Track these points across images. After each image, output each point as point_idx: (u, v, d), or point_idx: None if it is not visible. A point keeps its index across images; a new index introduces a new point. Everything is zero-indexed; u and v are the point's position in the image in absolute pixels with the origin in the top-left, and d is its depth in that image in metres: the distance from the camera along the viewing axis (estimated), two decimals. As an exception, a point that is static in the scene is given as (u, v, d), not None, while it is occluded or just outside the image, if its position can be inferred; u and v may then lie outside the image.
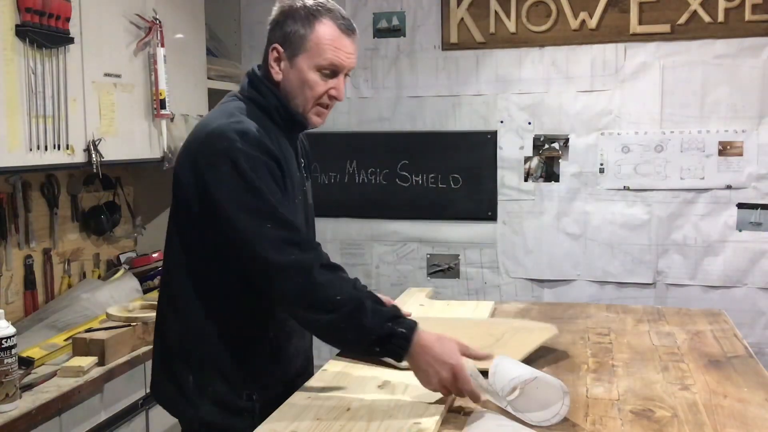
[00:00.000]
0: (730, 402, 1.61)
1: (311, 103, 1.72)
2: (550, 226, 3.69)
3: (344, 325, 1.55)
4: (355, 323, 1.54)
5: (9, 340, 2.00)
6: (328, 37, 1.67)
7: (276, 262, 1.56)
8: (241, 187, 1.58)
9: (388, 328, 1.55)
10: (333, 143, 3.87)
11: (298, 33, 1.67)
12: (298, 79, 1.69)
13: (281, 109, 1.72)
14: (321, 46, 1.67)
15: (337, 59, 1.69)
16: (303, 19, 1.67)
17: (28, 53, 2.32)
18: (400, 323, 1.57)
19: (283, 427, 1.47)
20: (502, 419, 1.46)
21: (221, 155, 1.59)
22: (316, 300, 1.55)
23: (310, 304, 1.56)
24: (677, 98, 3.48)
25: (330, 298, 1.55)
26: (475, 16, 3.67)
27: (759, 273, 3.45)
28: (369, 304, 1.56)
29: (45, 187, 2.82)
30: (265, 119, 1.70)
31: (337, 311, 1.54)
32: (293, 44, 1.68)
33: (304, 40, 1.67)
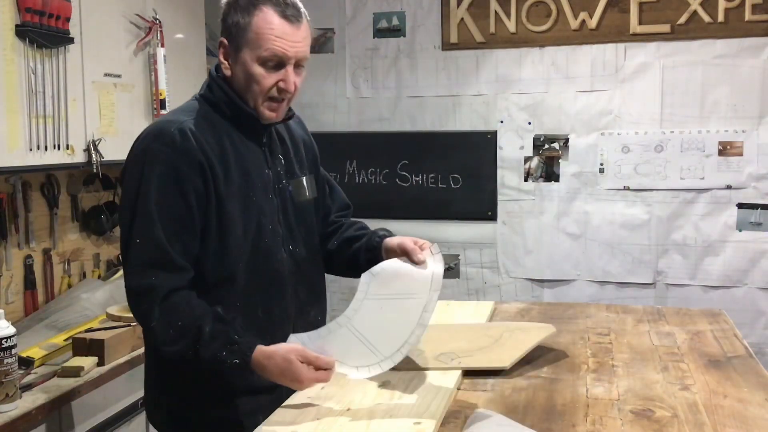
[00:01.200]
0: (730, 402, 1.61)
1: (260, 98, 1.64)
2: (550, 226, 3.69)
3: (183, 351, 1.53)
4: (190, 351, 1.53)
5: (9, 340, 2.00)
6: (269, 26, 1.58)
7: (132, 287, 1.56)
8: (135, 193, 1.57)
9: (221, 358, 1.52)
10: (333, 143, 3.87)
11: (239, 25, 1.60)
12: (244, 73, 1.62)
13: (229, 103, 1.67)
14: (261, 36, 1.58)
15: (280, 49, 1.59)
16: (243, 8, 1.60)
17: (28, 53, 2.32)
18: (234, 352, 1.51)
19: (283, 427, 1.47)
20: (502, 419, 1.46)
21: (135, 157, 1.61)
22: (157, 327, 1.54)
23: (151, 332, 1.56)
24: (677, 98, 3.48)
25: (172, 324, 1.53)
26: (475, 16, 3.67)
27: (759, 273, 3.45)
28: (207, 330, 1.52)
29: (45, 187, 2.82)
30: (216, 116, 1.67)
31: (177, 341, 1.53)
32: (235, 37, 1.61)
33: (245, 31, 1.59)
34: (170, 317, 1.54)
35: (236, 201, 1.63)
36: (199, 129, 1.61)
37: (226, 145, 1.64)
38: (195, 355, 1.53)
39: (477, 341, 1.94)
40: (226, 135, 1.66)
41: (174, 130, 1.58)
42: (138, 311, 1.57)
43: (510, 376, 1.78)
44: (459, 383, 1.72)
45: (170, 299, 1.54)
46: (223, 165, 1.62)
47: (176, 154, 1.57)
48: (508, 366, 1.78)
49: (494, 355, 1.85)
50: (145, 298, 1.54)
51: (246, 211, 1.65)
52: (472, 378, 1.76)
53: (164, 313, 1.54)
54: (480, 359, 1.82)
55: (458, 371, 1.76)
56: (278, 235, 1.73)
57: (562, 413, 1.56)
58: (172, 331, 1.53)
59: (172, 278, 1.55)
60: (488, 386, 1.72)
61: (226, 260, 1.63)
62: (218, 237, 1.62)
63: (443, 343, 1.94)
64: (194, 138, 1.59)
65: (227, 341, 1.52)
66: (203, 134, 1.61)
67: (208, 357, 1.52)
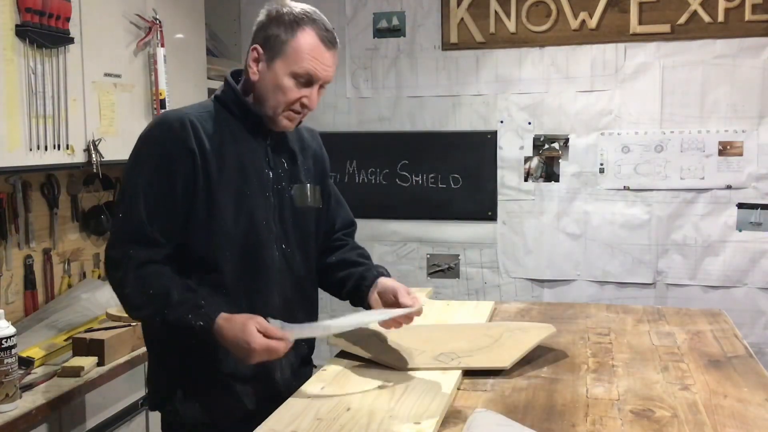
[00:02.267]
0: (730, 402, 1.61)
1: (281, 108, 1.73)
2: (550, 226, 3.69)
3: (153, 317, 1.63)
4: (159, 316, 1.62)
5: (9, 340, 2.00)
6: (308, 46, 1.69)
7: (110, 255, 1.67)
8: (128, 173, 1.70)
9: (187, 320, 1.60)
10: (333, 143, 3.82)
11: (279, 38, 1.69)
12: (273, 82, 1.71)
13: (237, 102, 1.76)
14: (300, 53, 1.69)
15: (314, 69, 1.70)
16: (286, 25, 1.69)
17: (28, 53, 2.32)
18: (200, 315, 1.60)
19: (283, 427, 1.47)
20: (502, 419, 1.46)
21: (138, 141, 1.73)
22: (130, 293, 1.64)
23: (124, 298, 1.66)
24: (677, 98, 3.48)
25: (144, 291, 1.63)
26: (475, 16, 3.67)
27: (759, 273, 3.45)
28: (176, 296, 1.61)
29: (45, 187, 2.82)
30: (224, 113, 1.75)
31: (145, 306, 1.63)
32: (273, 48, 1.70)
33: (284, 45, 1.69)
34: (143, 284, 1.63)
35: (229, 192, 1.71)
36: (200, 121, 1.70)
37: (225, 139, 1.72)
38: (162, 319, 1.62)
39: (477, 341, 1.94)
40: (228, 130, 1.74)
41: (174, 118, 1.69)
42: (114, 278, 1.67)
43: (510, 376, 1.78)
44: (459, 383, 1.72)
45: (144, 269, 1.64)
46: (218, 156, 1.70)
47: (170, 140, 1.67)
48: (508, 366, 1.78)
49: (494, 355, 1.85)
50: (121, 266, 1.64)
51: (238, 203, 1.72)
52: (472, 378, 1.76)
53: (137, 280, 1.63)
54: (480, 359, 1.82)
55: (458, 371, 1.76)
56: (272, 233, 1.77)
57: (562, 413, 1.56)
58: (144, 297, 1.63)
59: (148, 252, 1.65)
60: (488, 386, 1.72)
61: (214, 246, 1.70)
62: (207, 223, 1.69)
63: (443, 343, 1.94)
64: (192, 128, 1.68)
65: (194, 305, 1.61)
66: (203, 125, 1.70)
67: (174, 320, 1.60)
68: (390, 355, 1.85)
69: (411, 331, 2.04)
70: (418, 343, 1.93)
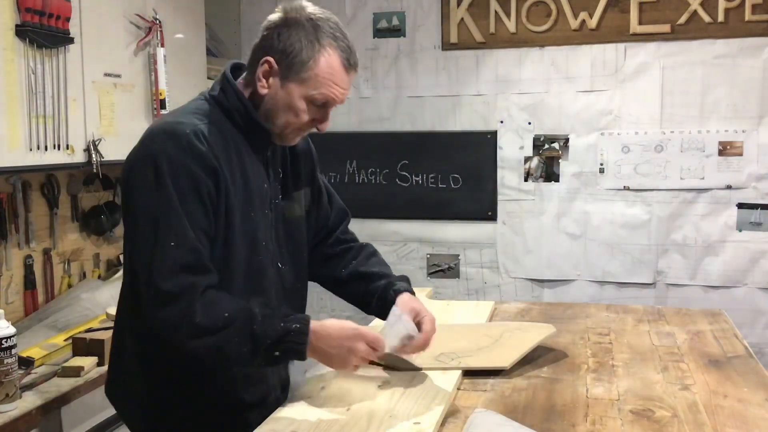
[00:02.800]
0: (730, 402, 1.61)
1: (291, 129, 1.62)
2: (550, 226, 3.69)
3: (237, 339, 1.47)
4: (247, 333, 1.47)
5: (9, 340, 2.00)
6: (329, 72, 1.56)
7: (165, 289, 1.47)
8: (155, 195, 1.49)
9: (281, 328, 1.49)
10: (333, 143, 3.86)
11: (299, 57, 1.55)
12: (286, 102, 1.58)
13: (244, 114, 1.61)
14: (320, 79, 1.55)
15: (332, 95, 1.58)
16: (307, 41, 1.54)
17: (28, 53, 2.32)
18: (292, 320, 1.51)
19: (283, 427, 1.47)
20: (502, 419, 1.46)
21: (147, 158, 1.52)
22: (204, 321, 1.47)
23: (196, 328, 1.47)
24: (677, 98, 3.48)
25: (219, 315, 1.48)
26: (475, 16, 3.67)
27: (759, 273, 3.45)
28: (258, 311, 1.50)
29: (45, 187, 2.82)
30: (227, 123, 1.60)
31: (227, 327, 1.47)
32: (291, 66, 1.55)
33: (304, 67, 1.55)
34: (215, 309, 1.48)
35: (239, 213, 1.58)
36: (210, 134, 1.55)
37: (231, 156, 1.58)
38: (245, 336, 1.47)
39: (477, 341, 1.94)
40: (233, 145, 1.59)
41: (189, 132, 1.52)
42: (174, 312, 1.47)
43: (510, 376, 1.78)
44: (459, 383, 1.72)
45: (207, 296, 1.49)
46: (230, 173, 1.56)
47: (192, 158, 1.50)
48: (508, 366, 1.79)
49: (494, 355, 1.85)
50: (184, 297, 1.47)
51: (244, 226, 1.60)
52: (472, 378, 1.76)
53: (207, 306, 1.48)
54: (480, 359, 1.82)
55: (458, 371, 1.76)
56: (269, 252, 1.68)
57: (562, 413, 1.56)
58: (221, 320, 1.47)
59: (206, 279, 1.50)
60: (488, 386, 1.72)
61: (227, 273, 1.58)
62: (222, 248, 1.57)
63: (443, 343, 1.93)
64: (207, 144, 1.53)
65: (281, 315, 1.52)
66: (213, 138, 1.55)
67: (268, 330, 1.48)
68: (390, 355, 1.85)
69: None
70: None
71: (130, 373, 1.67)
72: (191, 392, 1.63)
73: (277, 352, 1.50)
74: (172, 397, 1.64)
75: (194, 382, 1.62)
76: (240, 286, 1.60)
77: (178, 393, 1.63)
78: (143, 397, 1.66)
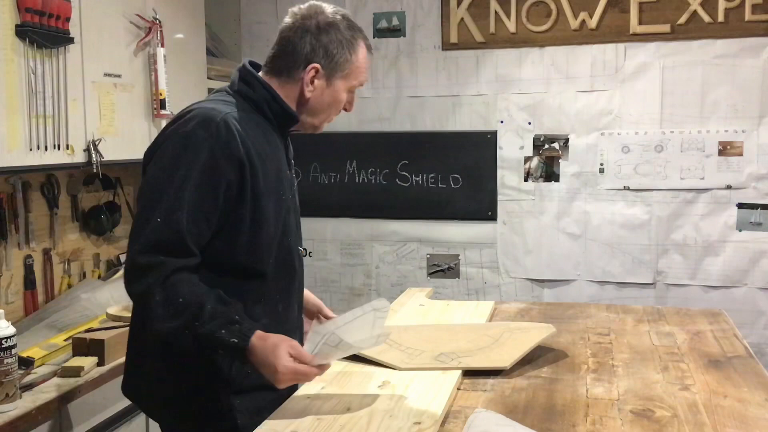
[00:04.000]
0: (730, 402, 1.61)
1: (329, 119, 1.78)
2: (550, 226, 3.69)
3: (186, 331, 1.51)
4: (191, 329, 1.51)
5: (9, 340, 2.00)
6: (364, 61, 1.74)
7: (138, 261, 1.53)
8: (165, 172, 1.56)
9: (220, 336, 1.50)
10: (333, 143, 3.87)
11: (343, 56, 1.70)
12: (332, 98, 1.73)
13: (272, 102, 1.70)
14: (359, 69, 1.73)
15: (365, 78, 1.77)
16: (347, 42, 1.70)
17: (28, 53, 2.32)
18: (235, 332, 1.51)
19: (283, 427, 1.47)
20: (502, 419, 1.46)
21: (175, 136, 1.59)
22: (160, 302, 1.51)
23: (153, 307, 1.52)
24: (677, 98, 3.48)
25: (174, 300, 1.51)
26: (475, 16, 3.67)
27: (759, 273, 3.45)
28: (209, 308, 1.51)
29: (45, 187, 2.82)
30: (255, 113, 1.69)
31: (178, 316, 1.51)
32: (336, 66, 1.70)
33: (347, 63, 1.70)
34: (172, 294, 1.52)
35: (271, 198, 1.66)
36: (241, 123, 1.61)
37: (262, 143, 1.66)
38: (192, 332, 1.51)
39: (477, 341, 1.94)
40: (262, 132, 1.68)
41: (220, 120, 1.58)
42: (139, 286, 1.54)
43: (510, 376, 1.78)
44: (459, 383, 1.73)
45: (174, 277, 1.53)
46: (262, 161, 1.63)
47: (218, 146, 1.56)
48: (508, 366, 1.79)
49: (494, 355, 1.85)
50: (151, 273, 1.52)
51: (277, 209, 1.68)
52: (472, 378, 1.77)
53: (167, 289, 1.52)
54: (480, 359, 1.82)
55: (458, 371, 1.76)
56: (295, 234, 1.78)
57: (562, 413, 1.56)
58: (172, 307, 1.51)
59: (181, 261, 1.55)
60: (488, 386, 1.72)
61: (258, 255, 1.65)
62: (251, 232, 1.63)
63: (443, 343, 1.94)
64: (237, 132, 1.59)
65: (228, 321, 1.52)
66: (245, 128, 1.61)
67: (206, 333, 1.50)
68: (389, 355, 1.85)
69: (411, 331, 2.04)
70: (419, 343, 1.93)
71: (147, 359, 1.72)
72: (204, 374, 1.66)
73: (221, 352, 1.55)
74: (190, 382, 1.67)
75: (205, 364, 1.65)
76: (272, 268, 1.68)
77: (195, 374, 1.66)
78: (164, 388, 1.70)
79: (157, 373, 1.70)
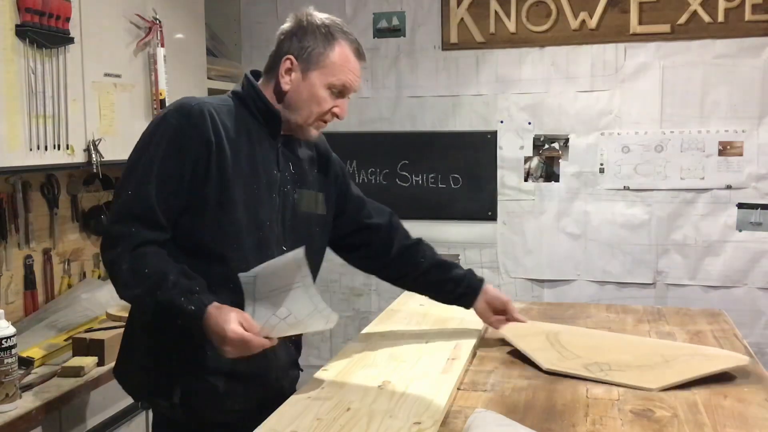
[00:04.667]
0: (730, 402, 1.61)
1: (314, 118, 1.78)
2: (550, 226, 3.69)
3: (147, 299, 1.59)
4: (152, 297, 1.58)
5: (9, 340, 2.00)
6: (345, 59, 1.75)
7: (110, 231, 1.64)
8: (140, 151, 1.68)
9: (179, 303, 1.56)
10: (333, 143, 3.85)
11: (316, 49, 1.73)
12: (309, 93, 1.75)
13: (257, 101, 1.76)
14: (337, 65, 1.74)
15: (349, 81, 1.77)
16: (323, 37, 1.74)
17: (28, 53, 2.32)
18: (195, 300, 1.57)
19: (283, 427, 1.47)
20: (502, 419, 1.47)
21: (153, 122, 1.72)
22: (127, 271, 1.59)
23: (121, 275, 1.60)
24: (677, 98, 3.48)
25: (140, 270, 1.59)
26: (475, 16, 3.67)
27: (759, 273, 3.45)
28: (172, 279, 1.58)
29: (45, 187, 2.82)
30: (242, 110, 1.76)
31: (141, 285, 1.58)
32: (310, 59, 1.73)
33: (322, 57, 1.73)
34: (139, 263, 1.60)
35: (241, 187, 1.70)
36: (218, 112, 1.70)
37: (241, 135, 1.73)
38: (152, 299, 1.58)
39: (645, 358, 1.83)
40: (244, 127, 1.74)
41: (194, 105, 1.68)
42: (110, 255, 1.63)
43: (510, 376, 1.78)
44: (459, 383, 1.73)
45: (143, 248, 1.62)
46: (234, 150, 1.70)
47: (187, 126, 1.66)
48: (654, 389, 1.68)
49: (650, 375, 1.73)
50: (121, 242, 1.61)
51: (247, 198, 1.72)
52: (472, 378, 1.77)
53: (134, 258, 1.60)
54: (630, 376, 1.73)
55: (457, 371, 1.76)
56: (273, 233, 1.78)
57: (562, 413, 1.56)
58: (138, 276, 1.59)
59: (151, 233, 1.64)
60: (488, 386, 1.72)
61: (222, 239, 1.70)
62: (217, 214, 1.68)
63: (605, 352, 1.87)
64: (210, 118, 1.67)
65: (188, 290, 1.58)
66: (221, 117, 1.70)
67: (165, 300, 1.57)
68: (544, 354, 1.85)
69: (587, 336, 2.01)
70: (581, 349, 1.89)
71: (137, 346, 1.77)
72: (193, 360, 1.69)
73: (179, 321, 1.59)
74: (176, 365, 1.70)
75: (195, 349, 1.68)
76: (247, 254, 1.71)
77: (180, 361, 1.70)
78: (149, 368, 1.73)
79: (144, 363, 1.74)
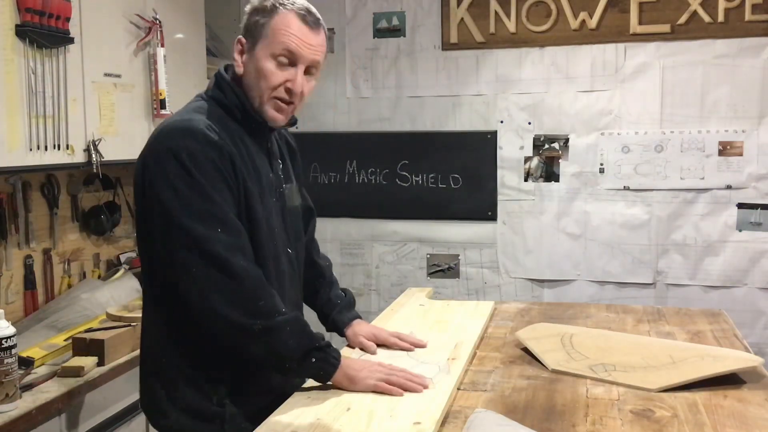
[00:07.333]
0: (730, 402, 1.61)
1: (266, 95, 1.65)
2: (550, 226, 3.69)
3: (290, 329, 1.58)
4: (300, 329, 1.60)
5: (9, 340, 2.00)
6: (285, 24, 1.63)
7: (233, 264, 1.54)
8: (187, 188, 1.54)
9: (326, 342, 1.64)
10: (333, 143, 3.87)
11: (258, 22, 1.64)
12: (255, 68, 1.64)
13: (241, 108, 1.68)
14: (278, 32, 1.62)
15: (294, 45, 1.62)
16: (267, 10, 1.64)
17: (28, 53, 2.32)
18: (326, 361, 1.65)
19: (283, 427, 1.47)
20: (502, 419, 1.46)
21: (167, 153, 1.56)
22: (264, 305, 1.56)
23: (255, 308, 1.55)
24: (677, 98, 3.48)
25: (276, 305, 1.58)
26: (475, 16, 3.67)
27: (759, 273, 3.45)
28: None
29: (45, 187, 2.82)
30: (227, 118, 1.67)
31: (281, 315, 1.57)
32: (253, 34, 1.65)
33: (263, 28, 1.64)
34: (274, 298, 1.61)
35: (257, 200, 1.66)
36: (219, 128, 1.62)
37: (240, 146, 1.66)
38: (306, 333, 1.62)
39: (654, 358, 1.82)
40: (237, 135, 1.67)
41: (202, 126, 1.59)
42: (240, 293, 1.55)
43: (510, 376, 1.78)
44: (459, 383, 1.73)
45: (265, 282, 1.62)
46: (243, 162, 1.64)
47: (211, 149, 1.57)
48: (654, 389, 1.67)
49: (653, 375, 1.73)
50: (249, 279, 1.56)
51: (263, 211, 1.68)
52: (472, 378, 1.77)
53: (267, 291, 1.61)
54: (634, 377, 1.72)
55: (457, 371, 1.76)
56: (281, 238, 1.76)
57: (562, 413, 1.56)
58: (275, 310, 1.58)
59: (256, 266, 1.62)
60: (488, 386, 1.72)
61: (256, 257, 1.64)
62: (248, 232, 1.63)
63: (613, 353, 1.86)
64: (218, 134, 1.60)
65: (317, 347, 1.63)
66: (222, 133, 1.62)
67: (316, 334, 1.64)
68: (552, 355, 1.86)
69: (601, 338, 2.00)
70: (590, 350, 1.89)
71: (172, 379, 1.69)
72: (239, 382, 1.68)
73: (314, 358, 1.61)
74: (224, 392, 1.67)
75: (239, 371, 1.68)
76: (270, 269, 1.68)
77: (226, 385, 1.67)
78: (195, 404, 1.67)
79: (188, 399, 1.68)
